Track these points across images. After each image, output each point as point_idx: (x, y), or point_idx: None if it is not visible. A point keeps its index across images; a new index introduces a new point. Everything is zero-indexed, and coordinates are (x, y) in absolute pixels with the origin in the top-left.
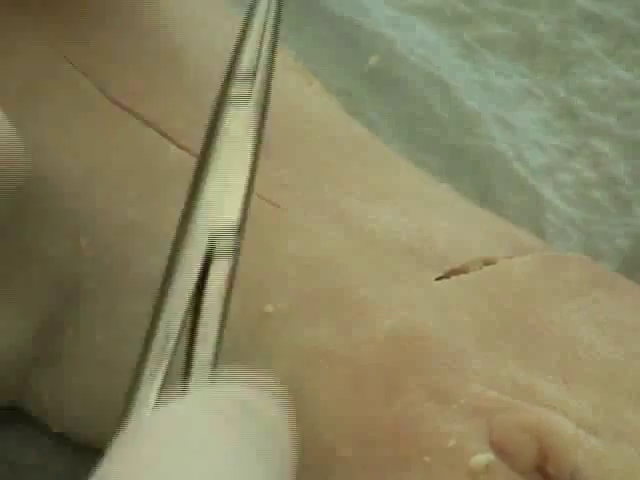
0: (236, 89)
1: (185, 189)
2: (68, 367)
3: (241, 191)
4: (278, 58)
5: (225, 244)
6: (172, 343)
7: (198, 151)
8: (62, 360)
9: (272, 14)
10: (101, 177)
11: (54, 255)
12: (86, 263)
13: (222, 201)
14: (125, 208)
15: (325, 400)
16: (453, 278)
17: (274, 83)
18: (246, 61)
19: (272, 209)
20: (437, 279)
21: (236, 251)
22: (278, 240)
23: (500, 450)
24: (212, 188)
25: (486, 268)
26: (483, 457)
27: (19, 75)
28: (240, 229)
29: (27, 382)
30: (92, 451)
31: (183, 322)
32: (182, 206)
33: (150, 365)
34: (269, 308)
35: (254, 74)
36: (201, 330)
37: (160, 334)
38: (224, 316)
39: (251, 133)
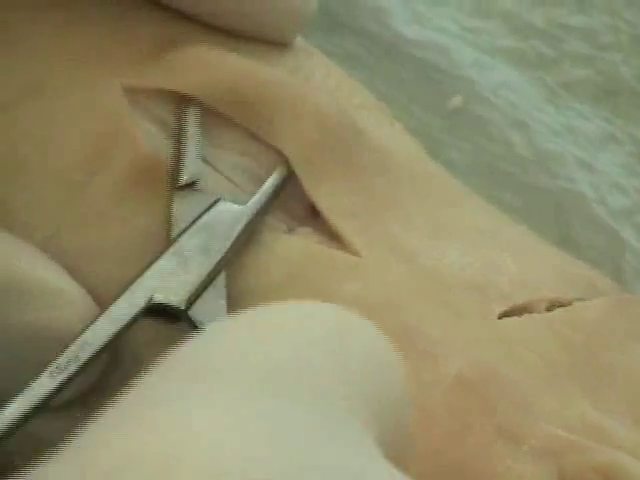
0: None
1: None
2: None
3: (195, 276)
4: (360, 98)
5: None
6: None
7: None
8: None
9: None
10: (154, 245)
11: None
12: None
13: (169, 281)
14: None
15: None
16: (524, 316)
17: (357, 121)
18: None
19: (332, 250)
20: (502, 316)
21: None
22: (338, 280)
23: None
24: (165, 266)
25: (559, 309)
26: None
27: (90, 136)
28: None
29: None
30: None
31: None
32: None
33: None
34: None
35: None
36: None
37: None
38: None
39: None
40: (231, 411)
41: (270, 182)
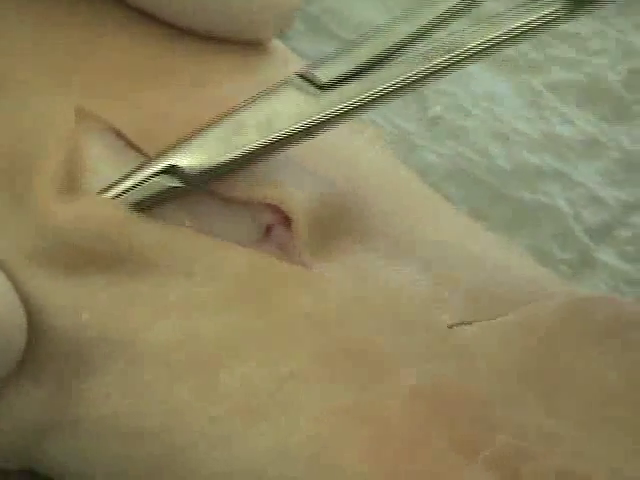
0: None
1: None
2: (84, 437)
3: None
4: None
5: None
6: None
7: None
8: (78, 430)
9: None
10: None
11: (57, 329)
12: (90, 337)
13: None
14: (127, 280)
15: (350, 458)
16: (475, 325)
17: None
18: None
19: (282, 263)
20: (454, 325)
21: None
22: (287, 296)
23: None
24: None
25: (510, 315)
26: None
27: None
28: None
29: (40, 448)
30: None
31: None
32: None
33: None
34: (284, 370)
35: None
36: None
37: None
38: None
39: None
40: None
41: None
